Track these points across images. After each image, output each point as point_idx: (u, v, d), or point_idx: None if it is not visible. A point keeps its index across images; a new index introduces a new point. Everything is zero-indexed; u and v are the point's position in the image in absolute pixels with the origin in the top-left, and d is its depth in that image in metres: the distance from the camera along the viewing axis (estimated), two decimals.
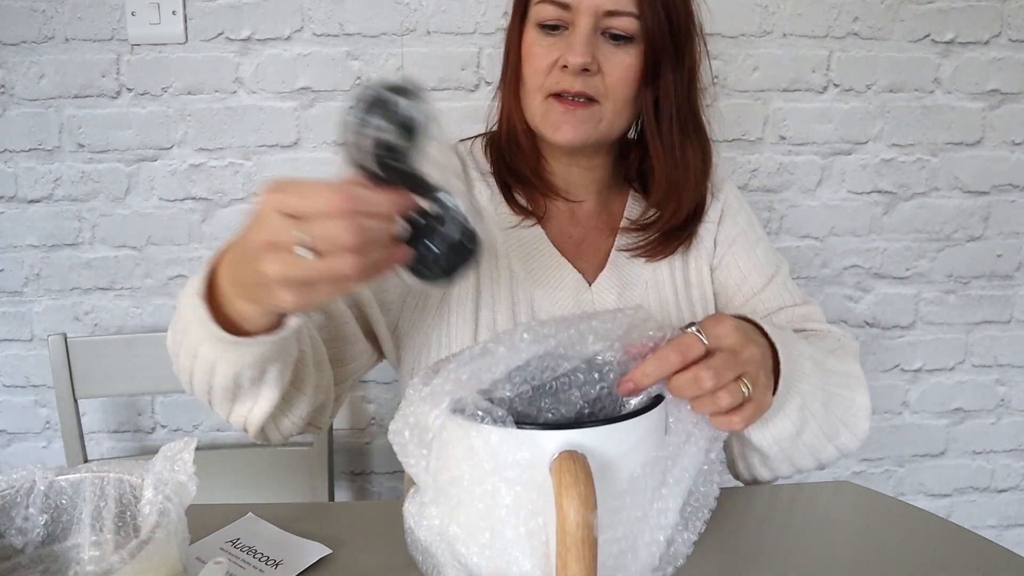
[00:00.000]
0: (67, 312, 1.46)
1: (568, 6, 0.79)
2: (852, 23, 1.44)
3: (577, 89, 0.80)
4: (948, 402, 1.63)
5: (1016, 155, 1.52)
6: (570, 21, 0.80)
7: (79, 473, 0.63)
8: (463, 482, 0.57)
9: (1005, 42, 1.46)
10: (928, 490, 1.67)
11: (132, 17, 1.34)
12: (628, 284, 0.90)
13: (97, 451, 1.52)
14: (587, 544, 0.50)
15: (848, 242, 1.53)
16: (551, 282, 0.88)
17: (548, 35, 0.81)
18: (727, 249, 0.94)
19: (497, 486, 0.55)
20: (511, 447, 0.54)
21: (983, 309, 1.59)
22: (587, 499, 0.50)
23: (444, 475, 0.59)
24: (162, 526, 0.54)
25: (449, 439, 0.57)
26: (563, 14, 0.80)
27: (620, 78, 0.81)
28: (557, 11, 0.80)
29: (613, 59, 0.80)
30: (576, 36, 0.79)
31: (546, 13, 0.80)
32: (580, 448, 0.53)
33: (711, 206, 0.94)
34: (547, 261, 0.89)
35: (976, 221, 1.55)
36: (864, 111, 1.48)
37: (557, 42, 0.81)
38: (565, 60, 0.79)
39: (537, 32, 0.82)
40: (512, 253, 0.89)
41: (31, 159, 1.40)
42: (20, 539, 0.61)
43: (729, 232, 0.95)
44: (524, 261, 0.88)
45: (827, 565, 0.66)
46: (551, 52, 0.81)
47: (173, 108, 1.39)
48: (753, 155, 1.48)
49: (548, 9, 0.80)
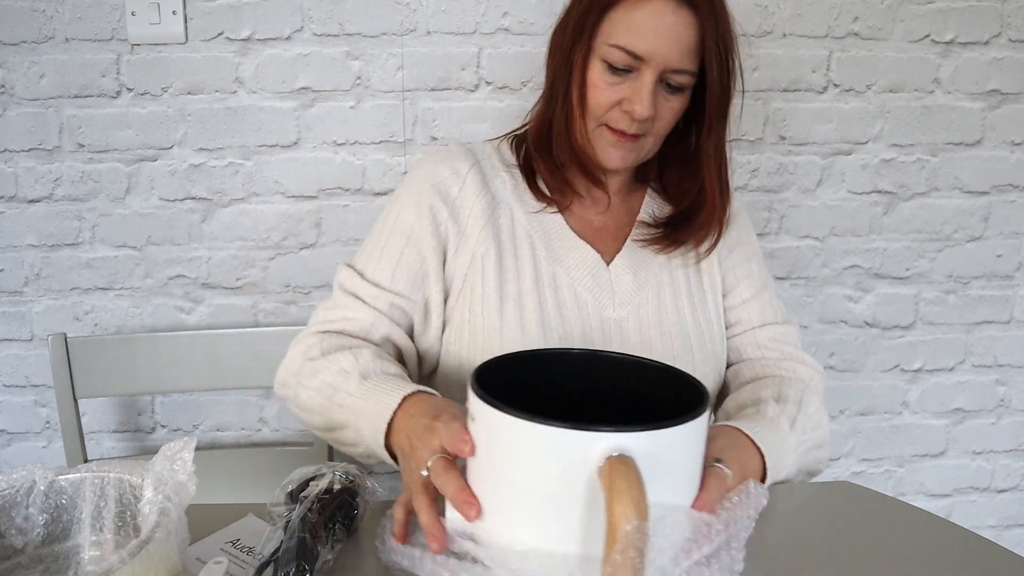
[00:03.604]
0: (67, 312, 1.46)
1: (640, 58, 0.83)
2: (852, 23, 1.44)
3: (633, 132, 0.87)
4: (948, 402, 1.63)
5: (1016, 155, 1.52)
6: (636, 67, 0.84)
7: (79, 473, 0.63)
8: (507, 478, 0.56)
9: (1005, 42, 1.46)
10: (928, 490, 1.67)
11: (132, 17, 1.34)
12: (643, 266, 0.96)
13: (97, 451, 1.52)
14: (638, 551, 0.48)
15: (848, 242, 1.53)
16: (571, 260, 0.94)
17: (614, 74, 0.86)
18: (727, 253, 1.00)
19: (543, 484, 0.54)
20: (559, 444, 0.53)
21: (983, 309, 1.59)
22: (639, 505, 0.49)
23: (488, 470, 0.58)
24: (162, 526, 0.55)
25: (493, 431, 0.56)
26: (632, 62, 0.84)
27: (668, 121, 0.89)
28: (628, 59, 0.84)
29: (666, 105, 0.87)
30: (643, 88, 0.84)
31: (616, 56, 0.84)
32: (627, 451, 0.51)
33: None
34: (568, 243, 0.95)
35: (976, 221, 1.55)
36: (864, 111, 1.48)
37: (622, 84, 0.86)
38: (631, 108, 0.85)
39: (604, 69, 0.86)
40: (534, 234, 0.94)
41: (31, 159, 1.40)
42: (20, 539, 0.61)
43: (732, 237, 1.01)
44: (545, 241, 0.94)
45: (827, 565, 0.66)
46: (616, 92, 0.86)
47: (173, 108, 1.39)
48: (753, 155, 1.48)
49: (620, 55, 0.84)
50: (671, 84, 0.86)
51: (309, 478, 0.69)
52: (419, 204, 0.93)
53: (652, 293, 0.95)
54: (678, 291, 0.96)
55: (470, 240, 0.92)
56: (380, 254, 0.93)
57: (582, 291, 0.93)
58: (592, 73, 0.87)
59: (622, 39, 0.84)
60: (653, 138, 0.90)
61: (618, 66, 0.85)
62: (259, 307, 1.47)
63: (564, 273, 0.93)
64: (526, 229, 0.94)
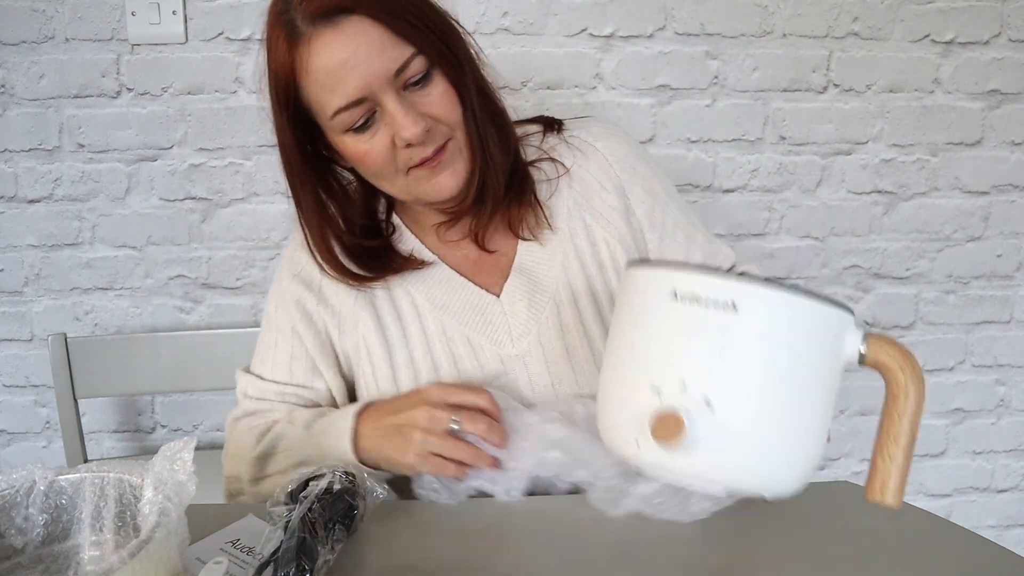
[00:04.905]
0: (67, 312, 1.46)
1: (362, 99, 0.74)
2: (852, 23, 1.44)
3: (431, 152, 0.78)
4: (948, 402, 1.63)
5: (1016, 155, 1.52)
6: (369, 107, 0.75)
7: (79, 473, 0.63)
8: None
9: (1005, 42, 1.46)
10: (928, 490, 1.67)
11: (132, 17, 1.34)
12: (537, 288, 0.88)
13: (97, 451, 1.52)
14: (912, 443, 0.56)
15: (848, 242, 1.53)
16: (456, 305, 0.87)
17: (364, 130, 0.76)
18: (648, 224, 0.91)
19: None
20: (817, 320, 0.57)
21: (983, 309, 1.59)
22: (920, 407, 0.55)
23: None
24: (162, 526, 0.55)
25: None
26: (361, 109, 0.74)
27: (448, 106, 0.77)
28: (355, 110, 0.74)
29: (428, 99, 0.76)
30: (395, 115, 0.74)
31: (345, 119, 0.75)
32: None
33: (601, 172, 0.90)
34: (449, 286, 0.88)
35: (976, 221, 1.55)
36: (864, 111, 1.48)
37: (379, 128, 0.76)
38: (401, 140, 0.75)
39: (352, 136, 0.77)
40: (413, 289, 0.88)
41: (31, 159, 1.40)
42: (20, 539, 0.61)
43: (607, 198, 0.90)
44: (426, 292, 0.88)
45: (827, 565, 0.66)
46: (383, 138, 0.76)
47: (173, 108, 1.39)
48: (753, 155, 1.48)
49: (346, 116, 0.75)
50: (413, 80, 0.75)
51: (309, 478, 0.69)
52: (286, 299, 0.89)
53: (551, 313, 0.87)
54: (579, 300, 0.88)
55: (348, 319, 0.88)
56: (272, 354, 0.90)
57: (475, 335, 0.86)
58: (348, 147, 0.78)
59: (331, 101, 0.74)
60: (458, 132, 0.79)
61: (357, 122, 0.75)
62: (259, 307, 1.47)
63: (453, 321, 0.86)
64: (403, 287, 0.88)
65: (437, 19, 0.78)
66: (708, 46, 1.42)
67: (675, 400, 0.54)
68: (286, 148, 0.81)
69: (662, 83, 1.43)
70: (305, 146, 0.81)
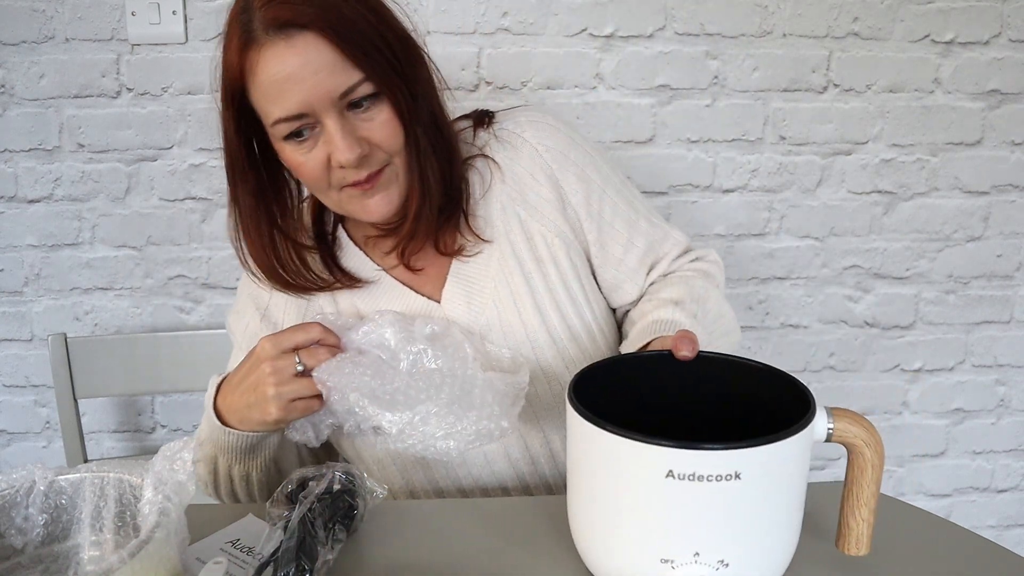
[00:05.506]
0: (67, 312, 1.46)
1: (302, 114, 0.74)
2: (852, 23, 1.44)
3: (364, 176, 0.78)
4: (948, 402, 1.63)
5: (1016, 155, 1.52)
6: (310, 122, 0.75)
7: (79, 473, 0.63)
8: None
9: (1005, 42, 1.46)
10: (928, 490, 1.67)
11: (132, 17, 1.34)
12: (476, 290, 0.87)
13: (97, 451, 1.52)
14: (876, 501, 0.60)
15: (848, 242, 1.53)
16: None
17: (302, 142, 0.77)
18: (586, 213, 0.90)
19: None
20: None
21: (983, 309, 1.59)
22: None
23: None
24: (162, 526, 0.55)
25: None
26: (300, 122, 0.75)
27: (390, 133, 0.77)
28: (295, 123, 0.75)
29: (370, 124, 0.77)
30: (333, 136, 0.75)
31: (289, 128, 0.76)
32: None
33: (532, 164, 0.89)
34: (392, 298, 0.88)
35: (976, 221, 1.55)
36: (864, 111, 1.48)
37: (317, 143, 0.77)
38: (336, 161, 0.76)
39: (291, 145, 0.77)
40: (360, 305, 0.89)
41: (31, 159, 1.40)
42: (20, 539, 0.61)
43: (541, 192, 0.89)
44: (371, 304, 0.88)
45: (827, 565, 0.66)
46: (317, 155, 0.77)
47: (173, 108, 1.39)
48: (753, 155, 1.48)
49: (285, 126, 0.76)
50: (355, 102, 0.75)
51: (309, 478, 0.69)
52: (243, 315, 0.93)
53: (493, 315, 0.86)
54: (518, 299, 0.87)
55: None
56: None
57: None
58: (286, 155, 0.78)
59: (272, 111, 0.75)
60: (397, 159, 0.79)
61: (295, 132, 0.76)
62: None
63: None
64: (349, 299, 0.89)
65: (397, 46, 0.78)
66: (708, 46, 1.43)
67: (690, 570, 0.55)
68: (229, 141, 0.83)
69: (662, 83, 1.43)
70: (250, 144, 0.82)
